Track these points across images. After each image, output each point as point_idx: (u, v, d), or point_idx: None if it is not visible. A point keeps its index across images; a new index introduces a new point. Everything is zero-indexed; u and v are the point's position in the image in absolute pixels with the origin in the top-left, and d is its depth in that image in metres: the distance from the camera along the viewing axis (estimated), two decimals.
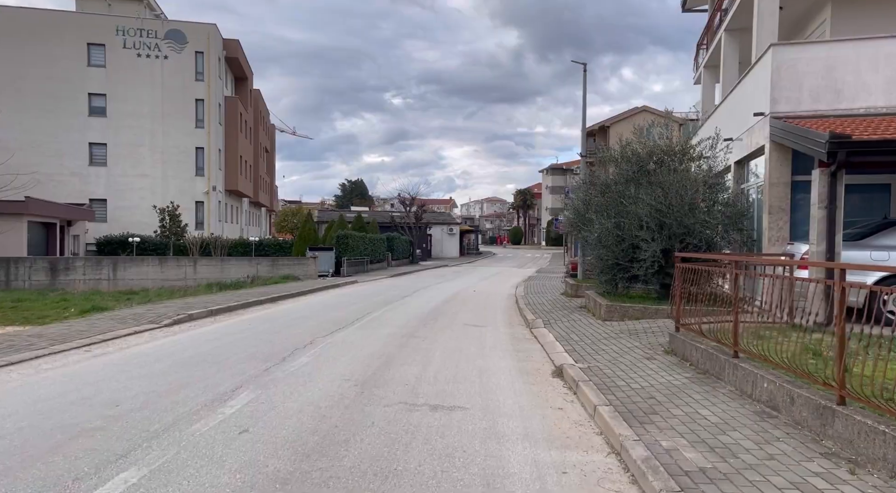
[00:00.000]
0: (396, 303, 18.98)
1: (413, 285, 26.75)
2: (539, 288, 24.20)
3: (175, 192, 42.56)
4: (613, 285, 14.59)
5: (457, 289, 25.13)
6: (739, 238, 13.52)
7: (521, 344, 11.28)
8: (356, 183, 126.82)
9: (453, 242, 60.91)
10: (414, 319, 14.86)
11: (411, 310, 16.92)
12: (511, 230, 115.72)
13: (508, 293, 23.36)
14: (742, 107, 14.40)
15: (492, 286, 27.06)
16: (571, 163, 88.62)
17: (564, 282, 22.22)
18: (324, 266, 31.79)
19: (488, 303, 19.30)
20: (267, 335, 11.94)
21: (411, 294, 22.29)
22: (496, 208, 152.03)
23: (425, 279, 31.73)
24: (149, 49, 42.51)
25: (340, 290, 24.19)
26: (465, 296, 21.82)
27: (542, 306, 16.81)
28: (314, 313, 16.15)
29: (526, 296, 20.45)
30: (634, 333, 11.22)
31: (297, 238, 33.19)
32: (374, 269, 37.23)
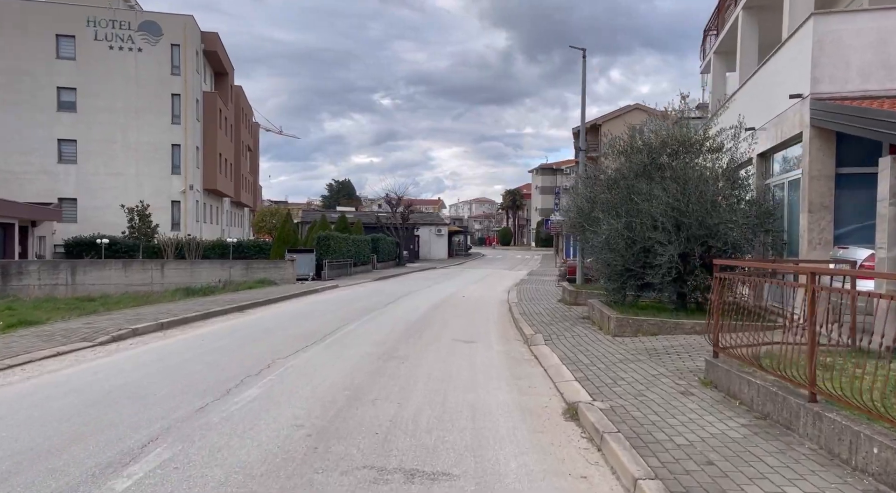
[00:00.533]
0: (377, 312, 17.07)
1: (398, 290, 24.86)
2: (533, 293, 22.38)
3: (150, 191, 40.39)
4: (621, 293, 12.78)
5: (445, 294, 23.26)
6: (767, 241, 11.76)
7: (519, 367, 9.42)
8: (343, 183, 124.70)
9: (441, 244, 59.04)
10: (395, 332, 12.96)
11: (393, 321, 15.03)
12: (500, 231, 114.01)
13: (500, 299, 21.52)
14: (768, 91, 12.64)
15: (482, 291, 25.22)
16: (562, 163, 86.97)
17: (561, 287, 20.39)
18: (303, 269, 29.80)
19: (479, 311, 17.44)
20: (217, 356, 10.00)
21: (395, 301, 20.40)
22: (485, 209, 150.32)
23: (411, 283, 29.84)
24: (122, 41, 40.31)
25: (318, 296, 22.24)
26: (454, 303, 19.96)
27: (539, 316, 14.97)
28: (282, 324, 14.21)
29: (520, 303, 18.61)
30: (654, 353, 9.40)
31: (275, 240, 31.20)
32: (358, 272, 35.29)
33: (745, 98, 13.79)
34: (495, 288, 26.96)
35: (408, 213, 46.12)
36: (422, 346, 11.22)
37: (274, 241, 31.31)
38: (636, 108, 54.27)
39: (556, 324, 13.44)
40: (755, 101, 13.27)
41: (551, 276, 35.21)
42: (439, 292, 24.11)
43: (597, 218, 12.66)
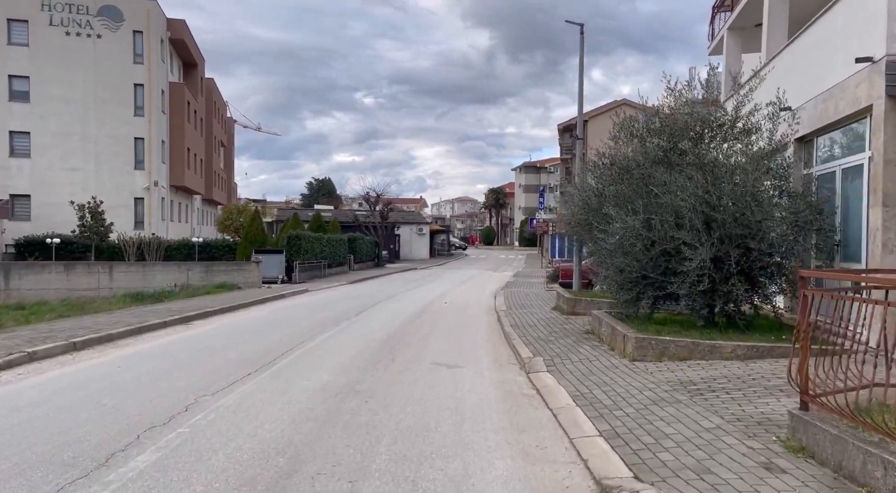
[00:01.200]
0: (346, 323, 14.71)
1: (374, 295, 22.50)
2: (522, 298, 20.13)
3: (111, 187, 37.61)
4: (635, 304, 10.55)
5: (426, 299, 20.95)
6: (809, 243, 9.61)
7: (520, 410, 7.12)
8: (324, 182, 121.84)
9: (423, 243, 56.69)
10: (364, 353, 10.63)
11: (363, 336, 12.68)
12: (483, 230, 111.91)
13: (487, 305, 19.26)
14: (811, 63, 10.50)
15: (467, 295, 22.95)
16: (545, 161, 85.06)
17: (554, 292, 18.14)
18: (271, 271, 27.31)
19: (465, 322, 15.15)
20: (123, 396, 7.59)
21: (369, 308, 18.04)
22: (467, 208, 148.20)
23: (390, 286, 27.48)
24: (79, 27, 37.44)
25: (283, 302, 19.81)
26: (436, 310, 17.65)
27: (534, 329, 12.71)
28: (230, 341, 11.81)
29: (510, 311, 16.36)
30: (695, 390, 7.17)
31: (242, 239, 28.68)
32: (333, 273, 32.84)
33: (777, 74, 11.63)
34: (480, 292, 24.70)
35: (387, 211, 43.68)
36: (394, 373, 8.90)
37: (241, 241, 28.78)
38: (624, 103, 52.34)
39: (555, 341, 11.18)
40: (792, 75, 11.12)
41: (538, 278, 33.05)
42: (420, 298, 21.79)
43: (608, 215, 10.41)
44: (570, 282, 19.47)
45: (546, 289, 25.75)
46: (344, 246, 35.09)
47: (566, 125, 56.16)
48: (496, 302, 19.78)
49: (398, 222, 52.09)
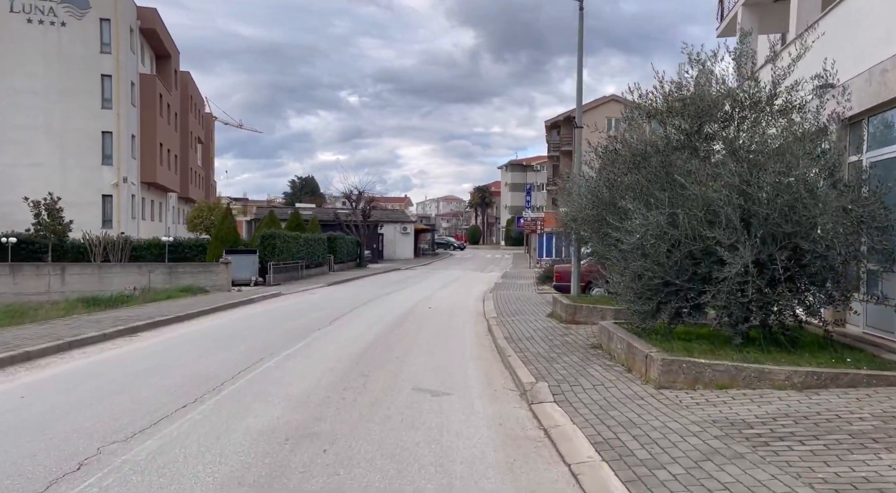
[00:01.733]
0: (316, 334, 12.87)
1: (353, 299, 20.66)
2: (513, 302, 18.40)
3: (77, 183, 35.39)
4: (653, 317, 8.81)
5: (409, 303, 19.15)
6: (859, 244, 7.94)
7: (527, 468, 5.33)
8: (307, 180, 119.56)
9: (407, 243, 54.84)
10: (329, 376, 8.81)
11: (332, 352, 10.85)
12: (469, 230, 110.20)
13: (475, 310, 17.50)
14: (861, 30, 8.85)
15: (453, 298, 21.18)
16: (532, 159, 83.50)
17: (551, 298, 16.38)
18: (243, 273, 25.34)
19: (450, 332, 13.37)
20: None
21: (345, 315, 16.21)
22: (453, 207, 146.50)
23: (371, 288, 25.64)
24: (42, 14, 35.16)
25: (250, 308, 17.91)
26: (419, 317, 15.85)
27: (531, 343, 10.97)
28: (172, 361, 9.93)
29: (501, 318, 14.62)
30: (754, 434, 5.45)
31: (212, 238, 26.67)
32: (312, 274, 30.91)
33: (815, 46, 9.96)
34: (467, 294, 22.95)
35: (369, 209, 41.73)
36: (364, 407, 7.10)
37: (212, 240, 26.77)
38: (612, 99, 50.92)
39: (559, 358, 9.44)
40: (832, 48, 9.46)
41: (527, 279, 31.37)
42: (402, 301, 19.99)
43: (623, 209, 8.66)
44: (566, 285, 17.77)
45: (537, 291, 24.07)
46: (323, 246, 33.17)
47: (554, 122, 54.60)
48: (485, 307, 18.03)
49: (381, 221, 50.18)
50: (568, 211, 14.06)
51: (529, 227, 42.18)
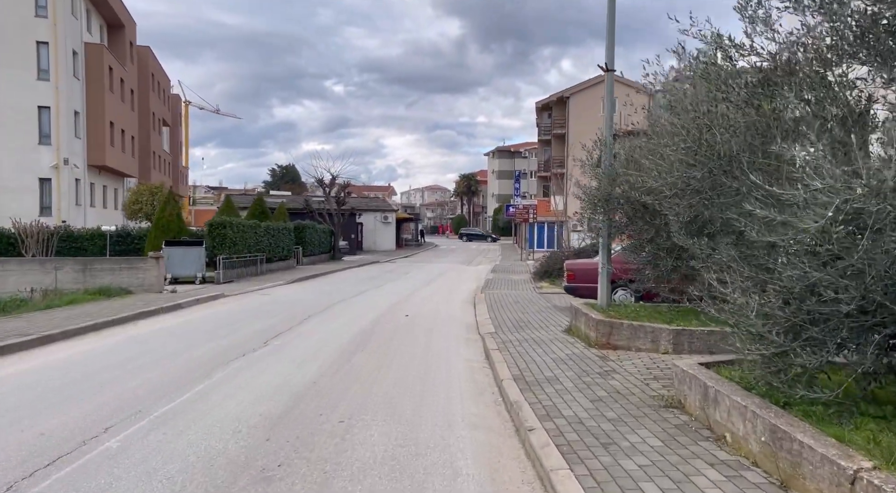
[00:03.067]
0: (224, 372, 8.49)
1: (312, 302, 16.37)
2: (513, 308, 14.20)
3: (10, 166, 30.71)
4: (783, 367, 4.56)
5: (380, 309, 14.89)
6: None
7: None
8: (287, 168, 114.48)
9: (388, 233, 50.43)
10: (232, 450, 4.56)
11: (229, 419, 6.49)
12: (454, 219, 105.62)
13: (464, 320, 13.29)
14: None
15: (436, 300, 16.94)
16: (520, 145, 79.25)
17: (572, 310, 11.80)
18: (185, 269, 20.95)
19: (430, 365, 9.07)
20: None
21: (290, 329, 11.91)
22: (437, 197, 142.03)
23: (341, 286, 21.35)
24: None
25: (173, 317, 13.51)
26: (389, 332, 11.58)
27: (561, 394, 6.74)
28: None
29: (501, 335, 10.43)
30: None
31: (152, 228, 22.20)
32: (274, 270, 26.51)
33: None
34: (454, 295, 18.75)
35: (344, 196, 37.20)
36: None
37: (151, 229, 22.31)
38: None
39: (623, 438, 5.20)
40: None
41: (521, 273, 27.25)
42: (372, 306, 15.73)
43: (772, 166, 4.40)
44: (583, 288, 13.60)
45: (536, 290, 19.93)
46: (289, 236, 28.70)
47: (545, 103, 50.35)
48: (477, 314, 13.84)
49: (360, 209, 45.71)
50: (598, 187, 9.83)
51: (521, 215, 37.99)
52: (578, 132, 44.05)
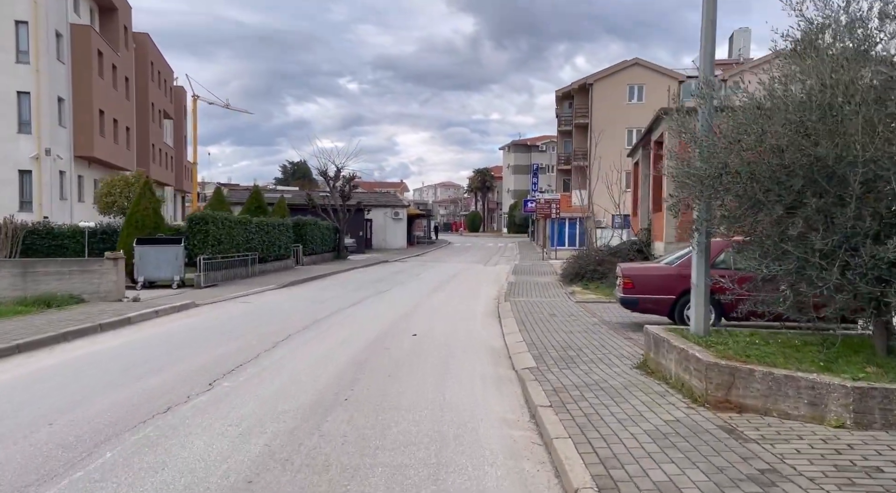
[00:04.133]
0: (151, 429, 5.16)
1: (302, 314, 13.11)
2: (552, 326, 10.82)
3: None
4: None
5: (382, 324, 11.57)
6: None
7: None
8: (298, 165, 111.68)
9: (399, 230, 47.15)
10: None
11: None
12: (469, 216, 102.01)
13: (490, 344, 9.93)
14: None
15: (451, 312, 13.58)
16: (537, 138, 75.66)
17: (652, 340, 8.34)
18: (162, 271, 17.83)
19: (446, 420, 5.70)
20: None
21: (266, 353, 8.61)
22: (451, 194, 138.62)
23: (339, 291, 18.09)
24: None
25: (115, 336, 10.24)
26: (390, 362, 8.25)
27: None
28: None
29: (544, 372, 7.10)
30: None
31: (124, 224, 19.08)
32: (268, 270, 23.33)
33: None
34: (472, 303, 15.41)
35: (349, 189, 33.86)
36: None
37: (124, 225, 19.18)
38: (636, 63, 43.12)
39: None
40: None
41: (545, 274, 23.89)
42: (373, 318, 12.43)
43: None
44: (641, 299, 10.20)
45: (569, 296, 16.56)
46: (287, 234, 25.45)
47: (566, 92, 46.81)
48: (505, 332, 10.51)
49: (369, 205, 42.40)
50: (704, 164, 6.38)
51: (542, 211, 34.53)
52: (602, 121, 40.52)
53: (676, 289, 10.04)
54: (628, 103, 42.69)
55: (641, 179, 23.63)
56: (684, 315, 10.03)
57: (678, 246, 17.35)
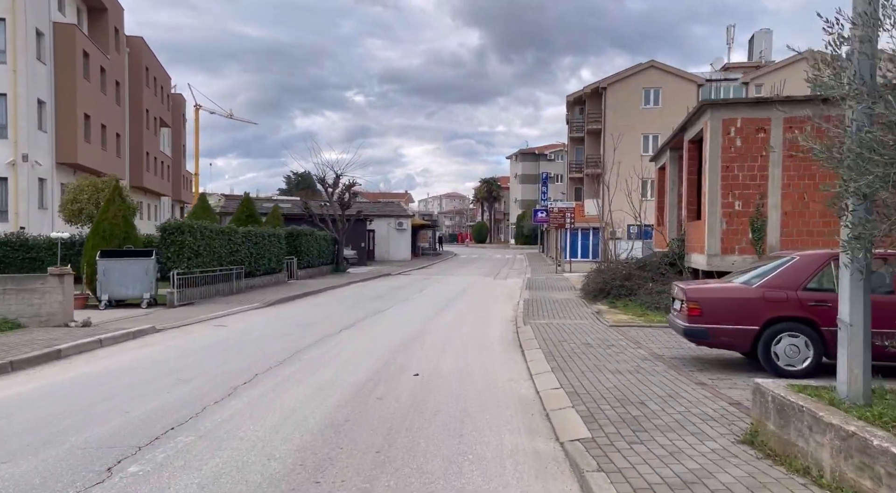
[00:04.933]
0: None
1: (279, 342, 10.65)
2: (590, 362, 8.29)
3: None
4: None
5: (374, 359, 9.06)
6: None
7: None
8: (302, 176, 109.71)
9: (403, 240, 44.71)
10: None
11: None
12: (475, 226, 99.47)
13: (516, 392, 7.41)
14: None
15: (462, 340, 11.04)
16: (545, 147, 73.30)
17: (760, 397, 6.00)
18: (126, 288, 15.44)
19: None
20: None
21: (214, 406, 6.13)
22: (456, 204, 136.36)
23: (331, 312, 15.62)
24: None
25: (28, 379, 7.80)
26: (380, 426, 5.77)
27: None
28: None
29: (605, 450, 4.62)
30: None
31: (90, 233, 16.71)
32: (256, 286, 20.91)
33: None
34: (486, 327, 12.89)
35: (349, 197, 31.43)
36: None
37: (88, 236, 16.81)
38: (651, 66, 40.75)
39: None
40: None
41: (563, 290, 21.42)
42: (365, 349, 9.94)
43: None
44: (716, 330, 7.68)
45: (595, 316, 14.07)
46: (278, 245, 23.00)
47: (577, 96, 44.45)
48: (533, 371, 8.03)
49: (370, 215, 39.96)
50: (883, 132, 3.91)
51: (556, 220, 32.03)
52: (616, 127, 38.12)
53: (760, 317, 7.53)
54: (644, 108, 40.29)
55: (669, 184, 21.12)
56: (771, 353, 7.53)
57: (722, 259, 14.84)
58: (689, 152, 17.71)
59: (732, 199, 14.74)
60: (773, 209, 14.44)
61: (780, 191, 14.37)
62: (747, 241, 14.69)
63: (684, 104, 39.80)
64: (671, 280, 17.21)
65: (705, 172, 15.14)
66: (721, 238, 14.79)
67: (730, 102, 14.83)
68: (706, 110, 14.83)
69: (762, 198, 14.49)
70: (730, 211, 14.71)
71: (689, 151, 17.76)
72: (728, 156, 14.67)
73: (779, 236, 14.44)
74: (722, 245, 14.80)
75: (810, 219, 14.27)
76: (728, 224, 14.74)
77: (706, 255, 15.01)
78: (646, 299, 16.12)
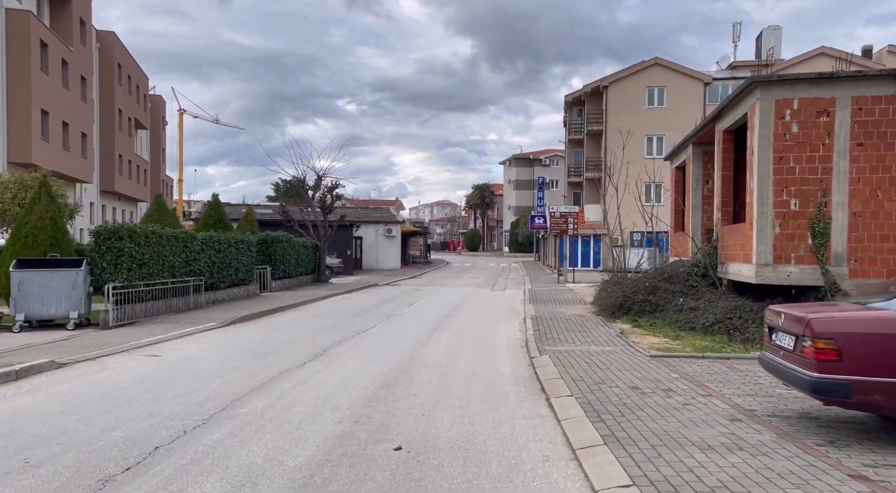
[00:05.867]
0: None
1: (226, 384, 7.74)
2: (656, 425, 5.42)
3: None
4: None
5: (341, 416, 6.19)
6: None
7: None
8: (291, 182, 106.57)
9: (392, 248, 41.80)
10: None
11: None
12: (467, 234, 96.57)
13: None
14: None
15: (460, 386, 8.10)
16: (540, 152, 70.73)
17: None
18: (48, 305, 12.52)
19: None
20: None
21: None
22: (447, 212, 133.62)
23: (300, 335, 12.68)
24: None
25: None
26: None
27: None
28: None
29: None
30: None
31: (9, 240, 13.78)
32: (219, 300, 17.95)
33: None
34: (491, 357, 9.99)
35: (331, 200, 28.43)
36: None
37: (8, 242, 13.87)
38: (655, 63, 38.21)
39: None
40: None
41: (570, 303, 18.65)
42: (333, 394, 7.06)
43: None
44: (852, 383, 4.86)
45: (622, 339, 11.25)
46: (248, 253, 20.01)
47: (576, 97, 41.89)
48: (577, 452, 5.18)
49: (357, 221, 37.06)
50: None
51: (557, 226, 29.26)
52: (619, 127, 35.46)
53: None
54: (647, 108, 37.76)
55: (692, 184, 18.40)
56: None
57: (775, 269, 12.05)
58: (724, 144, 15.00)
59: (787, 197, 11.97)
60: (838, 209, 11.69)
61: (848, 187, 11.63)
62: (806, 247, 11.90)
63: (690, 104, 37.32)
64: (704, 294, 14.46)
65: (752, 166, 12.37)
66: (773, 244, 12.02)
67: (785, 79, 12.09)
68: (755, 89, 12.10)
69: (825, 195, 11.74)
70: (784, 211, 11.95)
71: (723, 142, 15.03)
72: (782, 144, 11.92)
73: (846, 242, 11.68)
74: (774, 253, 12.02)
75: (886, 220, 11.53)
76: (782, 228, 11.98)
77: (754, 264, 12.20)
78: (676, 317, 13.35)
